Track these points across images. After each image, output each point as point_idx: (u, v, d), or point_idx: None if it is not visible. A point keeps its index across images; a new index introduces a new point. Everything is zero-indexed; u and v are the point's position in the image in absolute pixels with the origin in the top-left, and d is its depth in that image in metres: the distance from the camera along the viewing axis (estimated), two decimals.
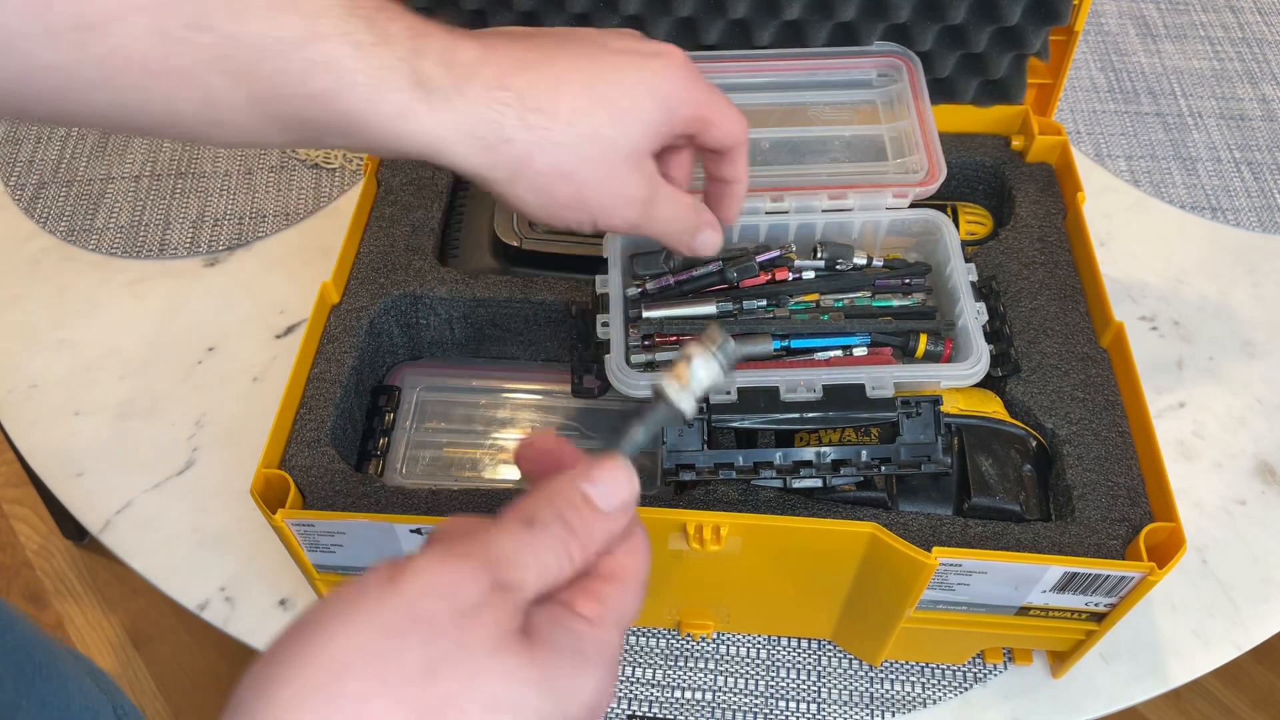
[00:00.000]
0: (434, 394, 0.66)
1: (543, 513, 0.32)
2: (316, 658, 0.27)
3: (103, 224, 0.83)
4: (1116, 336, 0.59)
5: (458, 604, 0.28)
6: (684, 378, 0.36)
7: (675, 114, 0.44)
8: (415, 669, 0.27)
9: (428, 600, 0.28)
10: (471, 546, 0.30)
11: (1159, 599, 0.63)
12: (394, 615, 0.27)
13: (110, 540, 0.66)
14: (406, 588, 0.28)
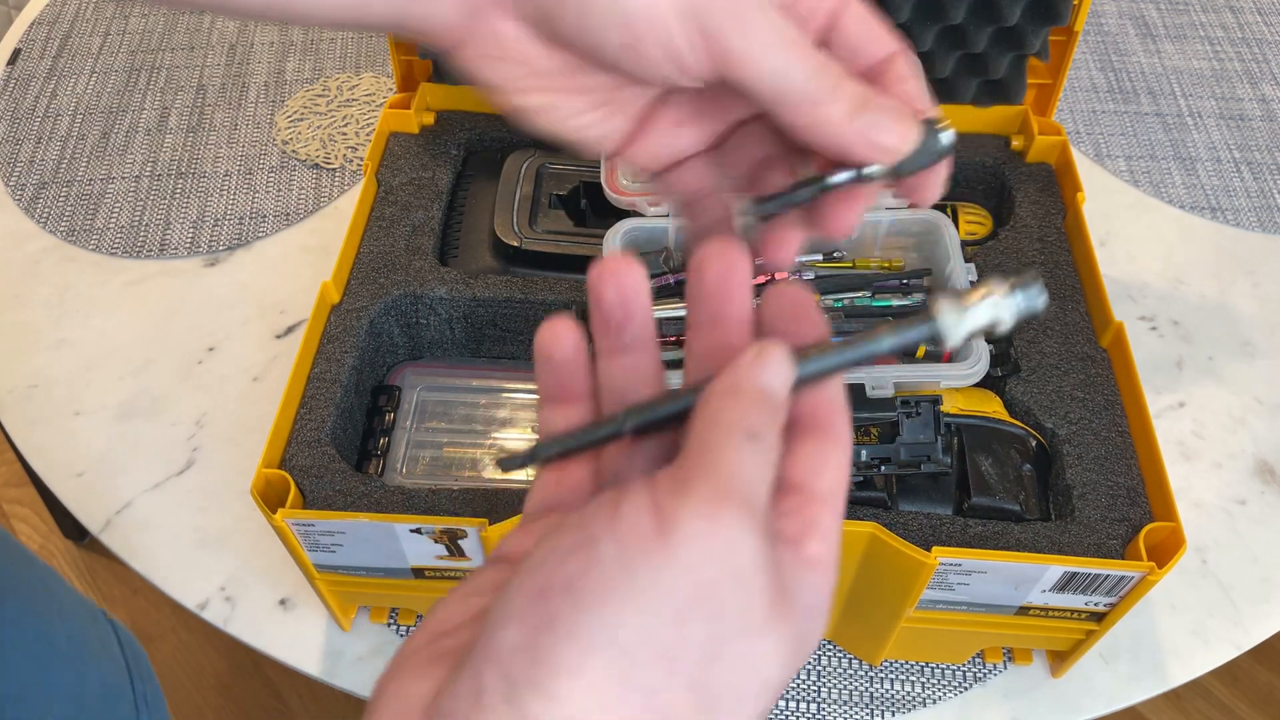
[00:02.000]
0: (434, 394, 0.66)
1: (757, 418, 0.27)
2: (601, 644, 0.23)
3: (103, 224, 0.83)
4: (1116, 336, 0.59)
5: (735, 567, 0.24)
6: (968, 303, 0.30)
7: None
8: (700, 653, 0.24)
9: (708, 568, 0.24)
10: (722, 480, 0.25)
11: (1158, 599, 0.63)
12: (676, 589, 0.23)
13: (110, 540, 0.66)
14: (683, 552, 0.23)
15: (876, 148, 0.31)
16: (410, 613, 0.63)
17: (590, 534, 0.24)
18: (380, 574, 0.56)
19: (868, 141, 0.31)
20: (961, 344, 0.30)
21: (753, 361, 0.28)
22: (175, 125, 0.90)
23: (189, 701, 1.26)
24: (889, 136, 0.31)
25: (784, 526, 0.27)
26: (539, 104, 0.34)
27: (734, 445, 0.26)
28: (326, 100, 0.91)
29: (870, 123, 0.31)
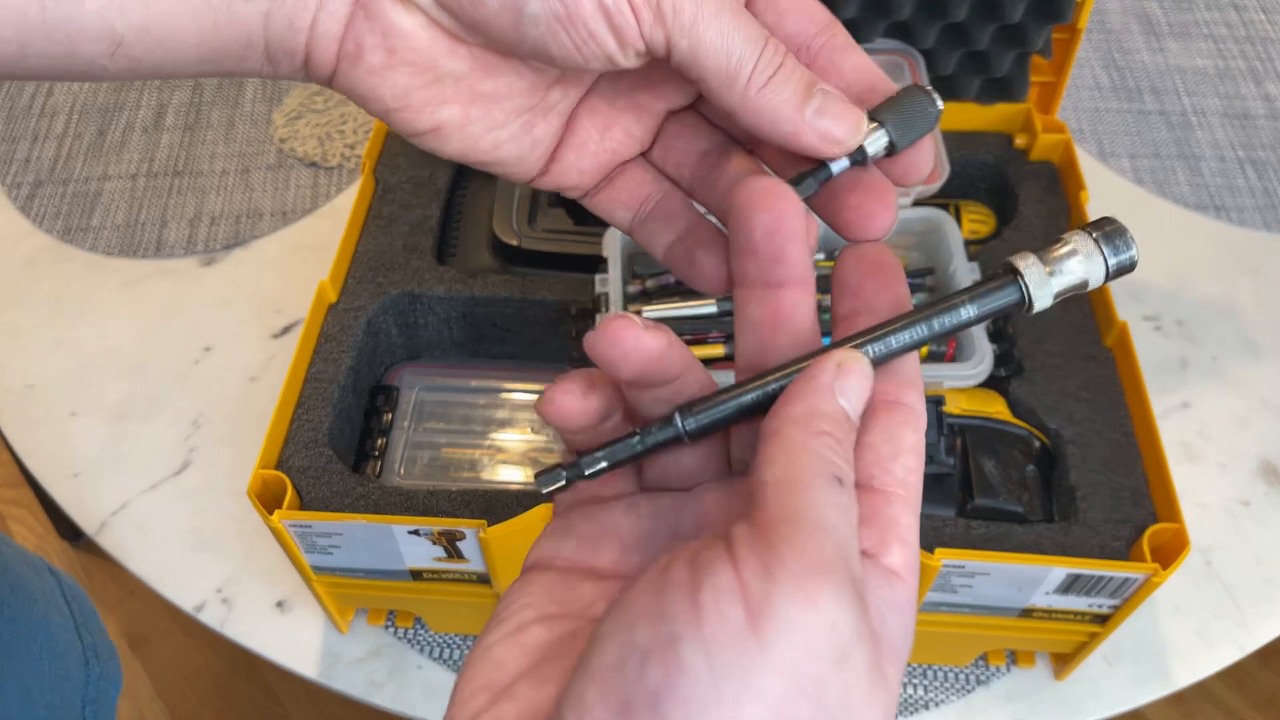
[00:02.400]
0: (432, 394, 0.66)
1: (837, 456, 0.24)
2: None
3: (99, 223, 0.82)
4: (1120, 336, 0.58)
5: (836, 649, 0.21)
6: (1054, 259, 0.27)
7: None
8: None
9: (809, 660, 0.21)
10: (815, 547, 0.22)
11: (1162, 600, 0.62)
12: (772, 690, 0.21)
13: (106, 541, 0.66)
14: (780, 648, 0.20)
15: (827, 139, 0.28)
16: (408, 615, 0.63)
17: (672, 631, 0.21)
18: (378, 576, 0.56)
19: (819, 132, 0.28)
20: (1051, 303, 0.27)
21: (831, 382, 0.25)
22: (172, 123, 0.90)
23: (185, 703, 1.25)
24: (840, 128, 0.28)
25: (861, 537, 0.24)
26: (446, 120, 0.30)
27: (820, 495, 0.23)
28: (324, 98, 0.90)
29: (820, 109, 0.28)
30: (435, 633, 0.62)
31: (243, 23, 0.27)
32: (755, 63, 0.27)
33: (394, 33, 0.27)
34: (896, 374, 0.27)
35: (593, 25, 0.26)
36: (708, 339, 0.55)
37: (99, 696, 0.56)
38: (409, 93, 0.29)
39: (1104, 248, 0.27)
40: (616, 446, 0.28)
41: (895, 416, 0.26)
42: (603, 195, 0.33)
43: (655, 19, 0.26)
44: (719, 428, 0.27)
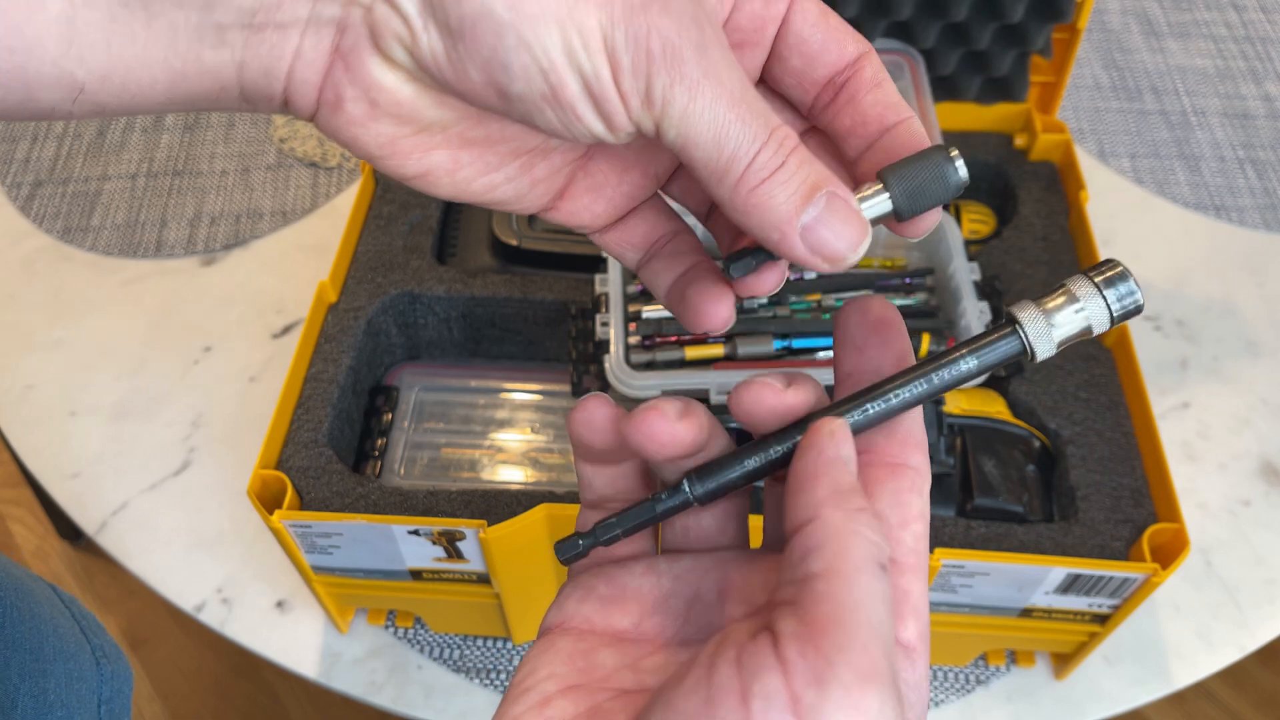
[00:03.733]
0: (432, 394, 0.66)
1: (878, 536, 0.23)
2: None
3: (99, 223, 0.82)
4: (1120, 337, 0.58)
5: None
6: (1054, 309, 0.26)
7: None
8: None
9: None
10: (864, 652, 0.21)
11: (1162, 600, 0.62)
12: None
13: (106, 541, 0.66)
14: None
15: (818, 254, 0.25)
16: (408, 615, 0.63)
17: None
18: (378, 576, 0.56)
19: (810, 245, 0.25)
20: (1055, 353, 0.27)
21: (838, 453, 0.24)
22: (171, 123, 0.90)
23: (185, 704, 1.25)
24: (837, 243, 0.25)
25: None
26: (435, 165, 0.28)
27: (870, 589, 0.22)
28: None
29: (817, 219, 0.25)
30: (435, 633, 0.62)
31: (214, 71, 0.25)
32: (751, 160, 0.25)
33: (375, 87, 0.26)
34: (898, 434, 0.26)
35: (579, 109, 0.25)
36: (708, 338, 0.55)
37: (114, 696, 0.56)
38: (394, 141, 0.27)
39: (1105, 293, 0.26)
40: (629, 513, 0.28)
41: (902, 481, 0.25)
42: (613, 234, 0.31)
43: (644, 105, 0.25)
44: (727, 492, 0.27)
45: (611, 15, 0.24)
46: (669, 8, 0.24)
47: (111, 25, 0.24)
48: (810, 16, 0.28)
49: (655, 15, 0.24)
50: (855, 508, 0.23)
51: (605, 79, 0.24)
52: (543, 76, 0.24)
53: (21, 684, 0.50)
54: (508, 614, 0.58)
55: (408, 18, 0.24)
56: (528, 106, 0.25)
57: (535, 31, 0.23)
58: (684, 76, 0.24)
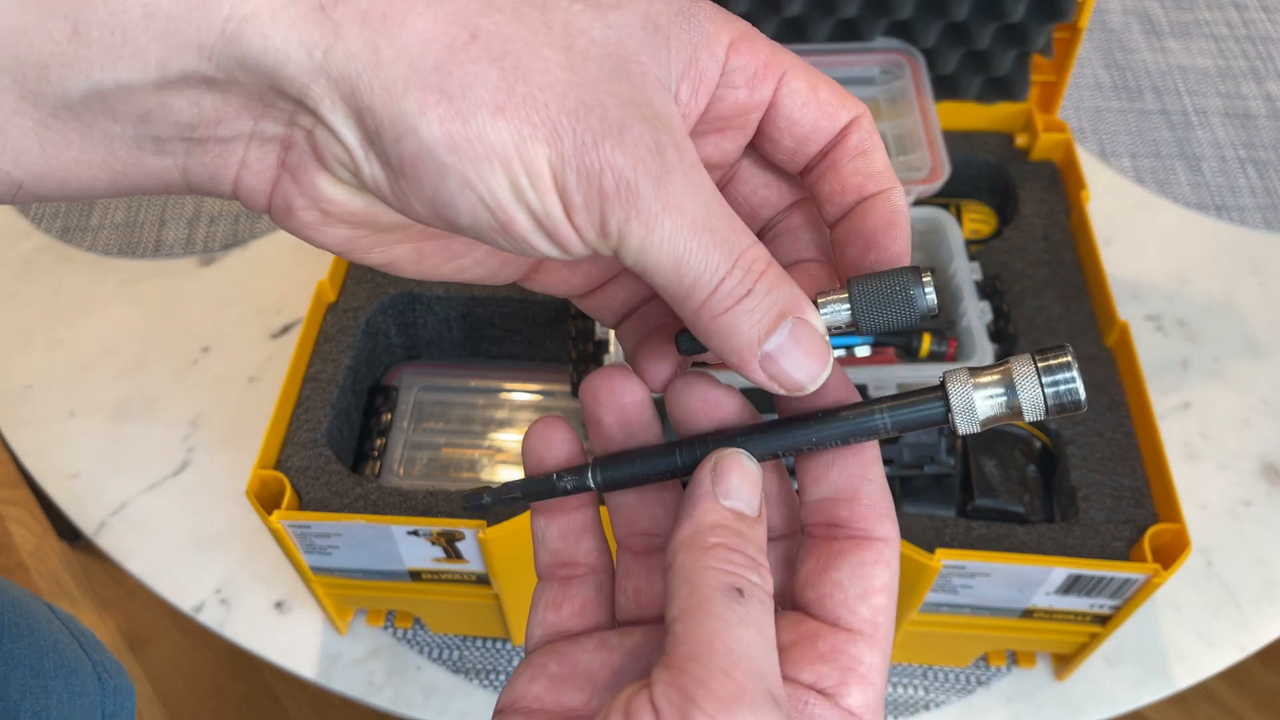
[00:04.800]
0: (431, 394, 0.66)
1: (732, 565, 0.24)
2: None
3: (98, 223, 0.82)
4: (1121, 336, 0.58)
5: None
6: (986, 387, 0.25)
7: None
8: None
9: None
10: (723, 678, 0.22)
11: (1163, 601, 0.62)
12: None
13: (105, 542, 0.66)
14: None
15: (777, 382, 0.25)
16: (407, 615, 0.62)
17: None
18: (377, 576, 0.56)
19: (769, 374, 0.25)
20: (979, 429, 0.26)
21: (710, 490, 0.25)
22: None
23: (184, 705, 1.25)
24: (798, 375, 0.25)
25: (821, 675, 0.24)
26: (398, 257, 0.27)
27: (721, 616, 0.23)
28: None
29: (780, 349, 0.25)
30: (434, 633, 0.62)
31: (157, 174, 0.25)
32: (714, 289, 0.24)
33: (324, 199, 0.25)
34: (867, 504, 0.26)
35: (531, 240, 0.24)
36: None
37: (118, 711, 0.56)
38: (351, 240, 0.27)
39: (1043, 381, 0.25)
40: (532, 482, 0.28)
41: (866, 554, 0.25)
42: (591, 300, 0.31)
43: (599, 237, 0.24)
44: (629, 484, 0.28)
45: (562, 153, 0.23)
46: (624, 140, 0.23)
47: (44, 132, 0.23)
48: (800, 97, 0.27)
49: (609, 151, 0.23)
50: (707, 545, 0.24)
51: (557, 216, 0.23)
52: (490, 214, 0.23)
53: (23, 701, 0.50)
54: (507, 615, 0.58)
55: (348, 146, 0.24)
56: (480, 236, 0.25)
57: (479, 173, 0.23)
58: (640, 211, 0.23)
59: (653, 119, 0.24)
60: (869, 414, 0.26)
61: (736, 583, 0.23)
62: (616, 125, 0.23)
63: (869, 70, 0.66)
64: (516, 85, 0.23)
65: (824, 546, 0.26)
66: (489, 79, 0.22)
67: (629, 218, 0.23)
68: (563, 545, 0.29)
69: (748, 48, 0.26)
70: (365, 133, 0.23)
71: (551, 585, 0.29)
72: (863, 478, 0.26)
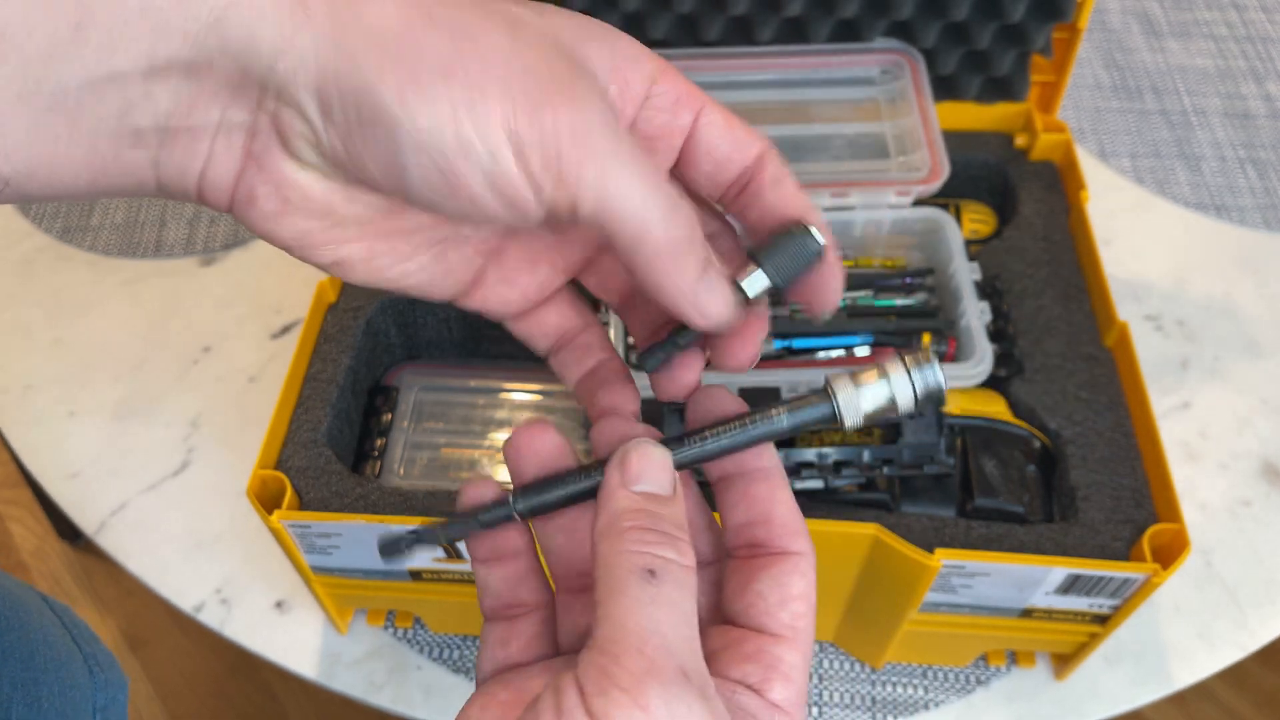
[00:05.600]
0: (432, 394, 0.66)
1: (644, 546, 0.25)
2: None
3: (98, 223, 0.82)
4: (1120, 336, 0.58)
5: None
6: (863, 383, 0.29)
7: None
8: None
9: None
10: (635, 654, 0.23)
11: (1163, 601, 0.62)
12: None
13: (106, 542, 0.66)
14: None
15: (704, 314, 0.28)
16: (408, 615, 0.62)
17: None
18: (377, 576, 0.56)
19: (698, 307, 0.28)
20: (862, 423, 0.30)
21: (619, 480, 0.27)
22: None
23: (184, 705, 1.25)
24: (718, 304, 0.28)
25: (747, 672, 0.26)
26: (347, 256, 0.28)
27: (633, 596, 0.24)
28: None
29: (708, 287, 0.28)
30: (434, 633, 0.62)
31: (133, 169, 0.26)
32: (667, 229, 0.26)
33: (287, 184, 0.27)
34: (780, 524, 0.29)
35: (480, 200, 0.25)
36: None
37: (109, 704, 0.56)
38: (307, 234, 0.28)
39: (912, 375, 0.29)
40: (455, 520, 0.30)
41: (784, 566, 0.28)
42: (524, 323, 0.32)
43: (557, 188, 0.25)
44: (548, 509, 0.29)
45: (514, 106, 0.24)
46: (575, 95, 0.25)
47: (36, 128, 0.24)
48: (717, 129, 0.30)
49: (562, 104, 0.25)
50: (621, 530, 0.26)
51: (509, 168, 0.25)
52: (440, 174, 0.25)
53: (14, 693, 0.50)
54: None
55: (308, 117, 0.25)
56: (432, 200, 0.26)
57: (429, 130, 0.24)
58: (597, 156, 0.25)
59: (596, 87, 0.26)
60: (769, 416, 0.29)
61: (649, 564, 0.25)
62: (567, 84, 0.25)
63: (869, 71, 0.66)
64: (466, 50, 0.24)
65: (745, 565, 0.28)
66: (441, 47, 0.24)
67: (584, 163, 0.25)
68: (506, 589, 0.30)
69: (670, 78, 0.29)
70: (325, 102, 0.25)
71: (498, 624, 0.30)
72: (772, 500, 0.29)
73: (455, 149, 0.24)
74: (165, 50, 0.24)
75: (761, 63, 0.66)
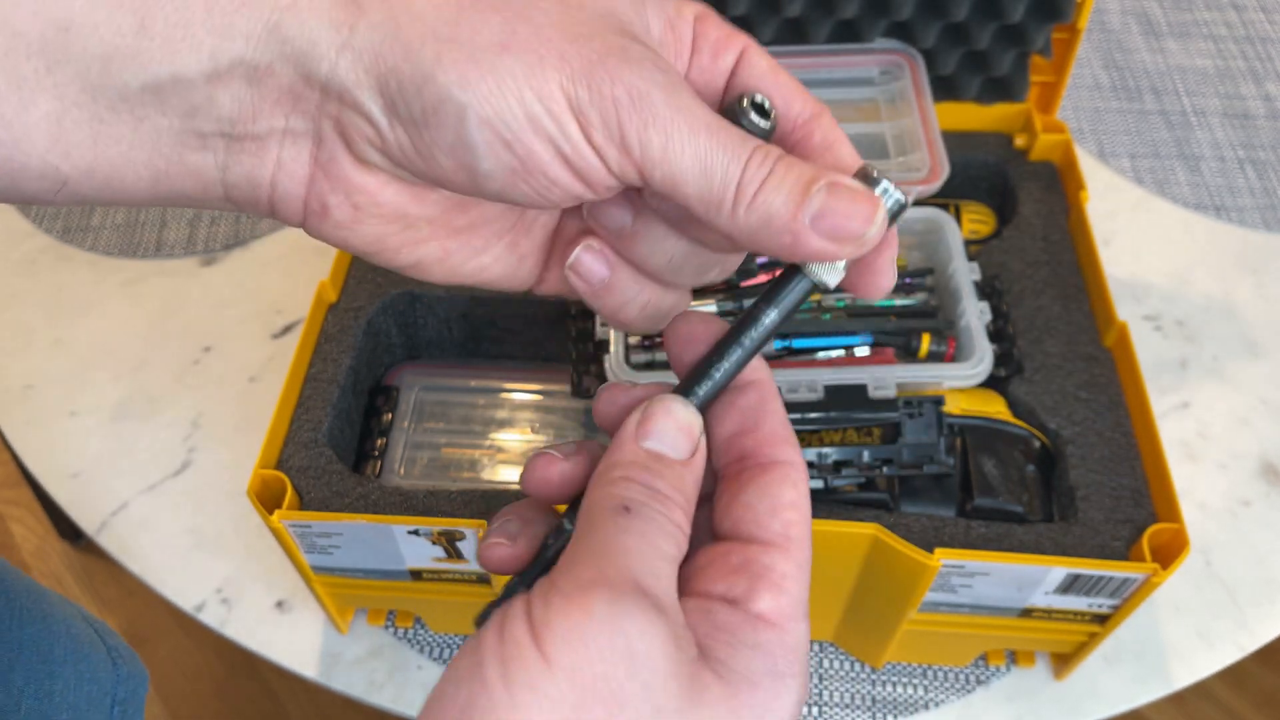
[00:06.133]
0: (432, 394, 0.66)
1: (628, 489, 0.26)
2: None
3: (99, 223, 0.82)
4: (1120, 336, 0.58)
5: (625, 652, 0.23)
6: None
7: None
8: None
9: (593, 664, 0.22)
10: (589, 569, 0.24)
11: (1162, 601, 0.62)
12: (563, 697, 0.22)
13: (106, 541, 0.66)
14: (561, 657, 0.22)
15: (840, 239, 0.25)
16: (408, 615, 0.63)
17: (479, 658, 0.23)
18: (378, 576, 0.56)
19: (826, 236, 0.25)
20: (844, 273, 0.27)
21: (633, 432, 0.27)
22: None
23: (185, 704, 1.25)
24: (852, 223, 0.25)
25: (729, 586, 0.25)
26: (425, 256, 0.29)
27: (602, 527, 0.25)
28: None
29: (821, 210, 0.25)
30: (435, 633, 0.62)
31: (197, 172, 0.26)
32: (740, 178, 0.25)
33: (357, 190, 0.27)
34: (768, 432, 0.28)
35: (552, 174, 0.25)
36: None
37: (129, 697, 0.56)
38: (382, 239, 0.28)
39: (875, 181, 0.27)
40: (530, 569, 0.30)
41: (771, 475, 0.27)
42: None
43: (622, 155, 0.25)
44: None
45: (572, 75, 0.24)
46: (628, 56, 0.25)
47: (99, 126, 0.24)
48: (759, 72, 0.28)
49: (616, 66, 0.24)
50: (611, 479, 0.26)
51: (576, 137, 0.25)
52: (509, 150, 0.25)
53: (26, 686, 0.50)
54: None
55: (372, 118, 0.25)
56: (500, 183, 0.26)
57: (495, 107, 0.24)
58: (656, 118, 0.25)
59: (649, 48, 0.26)
60: (758, 321, 0.28)
61: (623, 502, 0.25)
62: (618, 48, 0.25)
63: (869, 71, 0.66)
64: (519, 26, 0.24)
65: (734, 479, 0.28)
66: (493, 24, 0.24)
67: (646, 125, 0.24)
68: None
69: (711, 21, 0.29)
70: (388, 98, 0.25)
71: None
72: (762, 410, 0.28)
73: (524, 124, 0.24)
74: (228, 53, 0.24)
75: None
